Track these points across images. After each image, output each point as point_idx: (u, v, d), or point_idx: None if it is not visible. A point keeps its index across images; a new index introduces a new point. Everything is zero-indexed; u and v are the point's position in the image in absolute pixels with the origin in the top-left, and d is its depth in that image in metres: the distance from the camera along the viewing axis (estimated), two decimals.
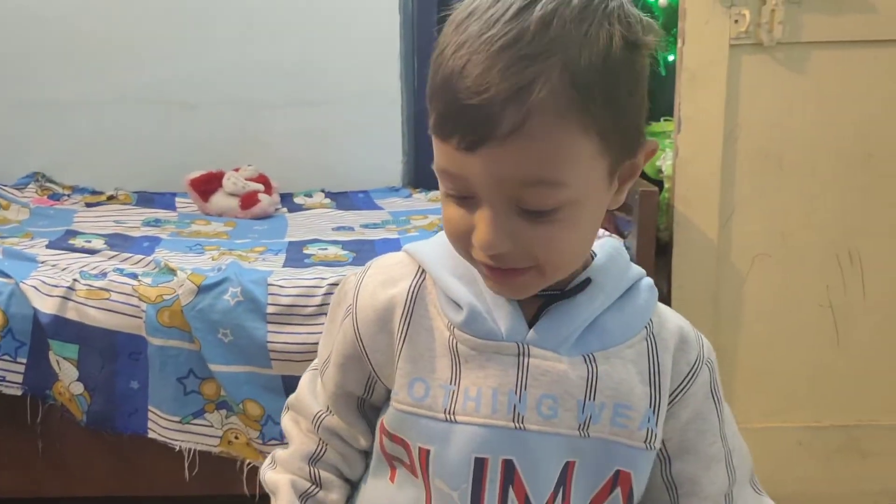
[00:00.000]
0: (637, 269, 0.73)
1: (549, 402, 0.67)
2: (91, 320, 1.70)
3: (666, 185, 1.83)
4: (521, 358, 0.67)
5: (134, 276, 1.76)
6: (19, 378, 1.73)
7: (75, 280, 1.74)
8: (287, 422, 0.81)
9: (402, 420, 0.69)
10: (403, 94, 2.67)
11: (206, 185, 2.43)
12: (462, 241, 0.65)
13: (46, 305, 1.71)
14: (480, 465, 0.67)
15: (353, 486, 0.79)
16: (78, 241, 2.06)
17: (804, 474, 1.86)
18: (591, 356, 0.68)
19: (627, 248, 1.75)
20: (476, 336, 0.67)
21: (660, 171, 1.94)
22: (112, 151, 2.68)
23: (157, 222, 2.32)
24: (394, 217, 2.37)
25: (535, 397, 0.67)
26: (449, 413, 0.67)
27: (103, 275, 1.77)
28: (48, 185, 2.61)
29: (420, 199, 2.55)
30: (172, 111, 2.65)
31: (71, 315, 1.71)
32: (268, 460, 0.80)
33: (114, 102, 2.64)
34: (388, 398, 0.72)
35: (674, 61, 2.24)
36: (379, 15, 2.61)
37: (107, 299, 1.70)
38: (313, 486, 0.76)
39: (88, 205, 2.50)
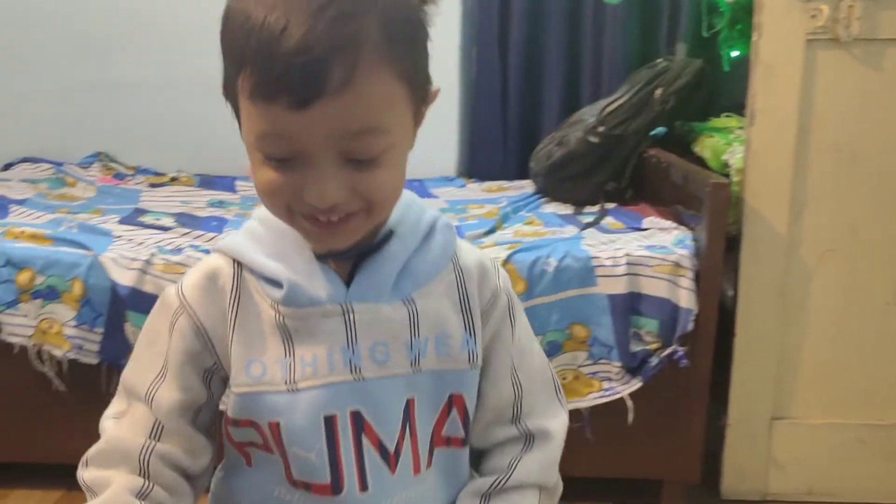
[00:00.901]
0: (432, 213, 0.78)
1: (381, 348, 0.71)
2: None
3: (734, 179, 1.83)
4: (346, 315, 0.71)
5: (208, 252, 1.79)
6: (96, 347, 1.77)
7: (153, 254, 1.78)
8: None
9: (245, 402, 0.72)
10: (462, 85, 2.69)
11: None
12: (285, 204, 0.67)
13: (125, 278, 1.75)
14: (330, 422, 0.71)
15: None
16: (147, 219, 2.11)
17: (865, 472, 1.86)
18: (409, 298, 0.73)
19: (696, 241, 1.77)
20: (300, 306, 0.71)
21: (726, 164, 1.94)
22: (173, 134, 2.73)
23: (221, 204, 2.36)
24: (451, 205, 2.39)
25: (366, 347, 0.71)
26: (290, 383, 0.70)
27: (179, 250, 1.81)
28: (112, 164, 2.67)
29: (475, 189, 2.58)
30: None
31: (148, 288, 1.75)
32: (81, 464, 0.75)
33: (176, 86, 2.69)
34: (224, 391, 0.76)
35: (737, 57, 2.25)
36: (441, 5, 2.63)
37: (183, 274, 1.74)
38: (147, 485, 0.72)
39: (152, 185, 2.55)
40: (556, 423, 0.81)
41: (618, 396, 1.76)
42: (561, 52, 2.61)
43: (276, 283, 0.71)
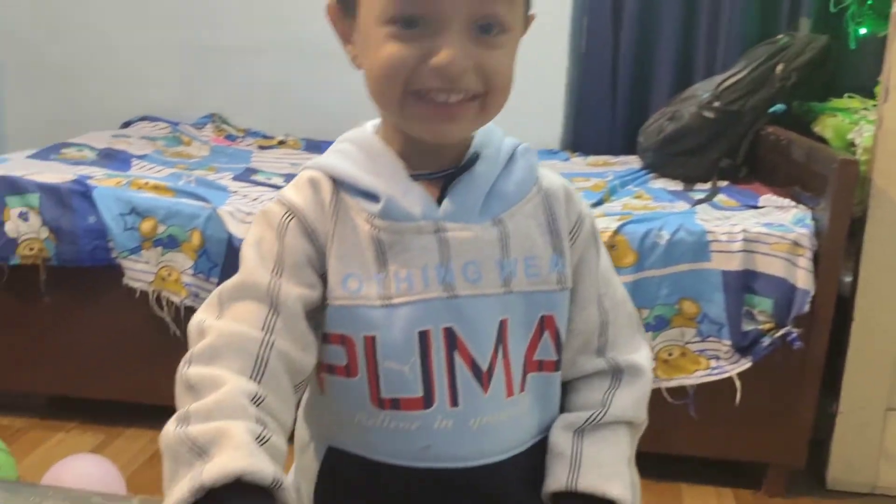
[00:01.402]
0: (512, 139, 0.79)
1: (473, 267, 0.72)
2: None
3: (862, 158, 1.75)
4: (438, 234, 0.72)
5: None
6: None
7: None
8: (201, 369, 0.65)
9: (341, 315, 0.71)
10: (570, 56, 2.66)
11: None
12: (403, 81, 0.68)
13: (241, 230, 1.80)
14: (424, 337, 0.71)
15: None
16: (259, 178, 2.16)
17: None
18: (498, 219, 0.74)
19: (816, 221, 1.71)
20: (396, 220, 0.71)
21: (851, 144, 1.86)
22: (282, 98, 2.79)
23: None
24: None
25: (459, 266, 0.72)
26: (385, 299, 0.71)
27: None
28: (224, 126, 2.75)
29: (578, 163, 2.54)
30: (343, 63, 2.73)
31: None
32: (176, 419, 0.62)
33: (287, 51, 2.74)
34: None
35: (865, 34, 2.15)
36: None
37: None
38: (264, 430, 0.62)
39: (261, 147, 2.61)
40: (644, 358, 0.80)
41: (726, 376, 1.72)
42: (676, 25, 2.54)
43: (372, 197, 0.72)
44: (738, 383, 1.72)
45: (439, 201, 0.73)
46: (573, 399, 0.79)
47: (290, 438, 0.70)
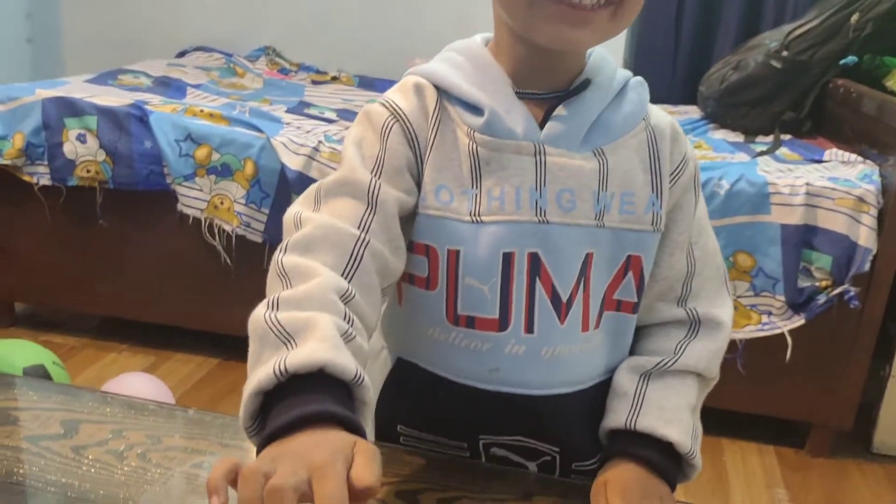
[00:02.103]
0: (625, 71, 0.75)
1: (568, 195, 0.70)
2: None
3: None
4: (538, 156, 0.69)
5: None
6: (261, 227, 1.85)
7: (320, 142, 1.82)
8: (296, 258, 0.63)
9: (429, 225, 0.70)
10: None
11: None
12: None
13: (293, 162, 1.80)
14: (508, 259, 0.70)
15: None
16: (313, 111, 2.16)
17: None
18: (599, 150, 0.71)
19: (883, 177, 1.65)
20: (497, 136, 0.69)
21: None
22: (336, 33, 2.76)
23: None
24: None
25: (554, 192, 0.69)
26: (475, 215, 0.69)
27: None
28: (277, 59, 2.74)
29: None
30: (398, 1, 2.69)
31: (314, 174, 1.80)
32: (266, 303, 0.60)
33: None
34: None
35: None
36: None
37: None
38: (350, 328, 0.61)
39: (314, 82, 2.60)
40: (726, 313, 0.77)
41: (777, 332, 1.69)
42: None
43: (475, 110, 0.70)
44: (789, 340, 1.69)
45: (543, 124, 0.70)
46: (645, 344, 0.77)
47: None
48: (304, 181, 1.79)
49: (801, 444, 1.85)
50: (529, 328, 0.71)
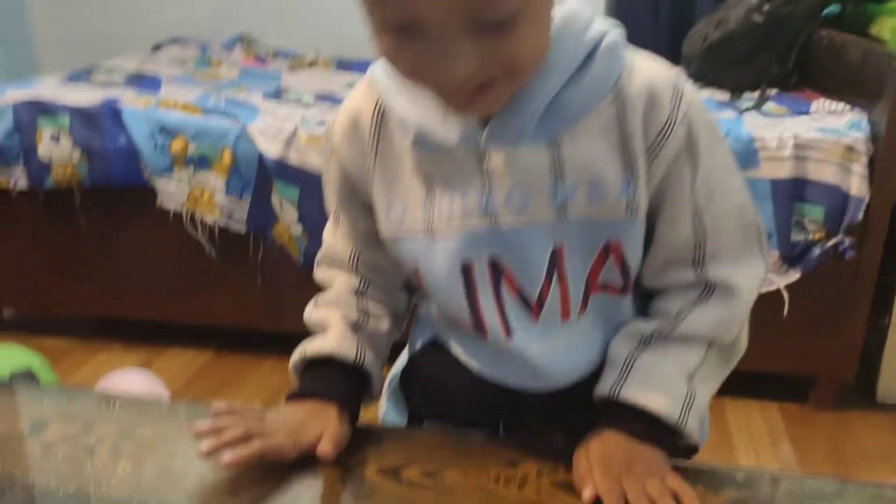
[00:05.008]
0: (598, 28, 0.64)
1: (518, 194, 0.66)
2: (311, 166, 1.75)
3: None
4: (479, 159, 0.66)
5: None
6: (243, 216, 1.82)
7: (297, 127, 1.78)
8: (322, 271, 0.81)
9: (391, 248, 0.73)
10: None
11: None
12: (409, 74, 0.59)
13: (271, 149, 1.77)
14: (468, 270, 0.69)
15: (398, 320, 0.81)
16: (290, 97, 2.12)
17: None
18: (554, 140, 0.65)
19: (872, 125, 1.62)
20: (433, 147, 0.66)
21: None
22: (312, 17, 2.72)
23: None
24: None
25: (502, 194, 0.66)
26: (427, 227, 0.68)
27: (322, 123, 1.81)
28: (253, 47, 2.69)
29: None
30: None
31: (293, 159, 1.76)
32: (310, 304, 0.80)
33: None
34: None
35: None
36: None
37: None
38: (363, 317, 0.77)
39: (292, 69, 2.56)
40: (744, 277, 0.70)
41: (774, 288, 1.66)
42: None
43: (410, 123, 0.67)
44: (785, 295, 1.67)
45: (488, 120, 0.65)
46: (655, 302, 0.73)
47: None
48: (283, 168, 1.76)
49: (804, 400, 1.83)
50: (508, 332, 0.70)
